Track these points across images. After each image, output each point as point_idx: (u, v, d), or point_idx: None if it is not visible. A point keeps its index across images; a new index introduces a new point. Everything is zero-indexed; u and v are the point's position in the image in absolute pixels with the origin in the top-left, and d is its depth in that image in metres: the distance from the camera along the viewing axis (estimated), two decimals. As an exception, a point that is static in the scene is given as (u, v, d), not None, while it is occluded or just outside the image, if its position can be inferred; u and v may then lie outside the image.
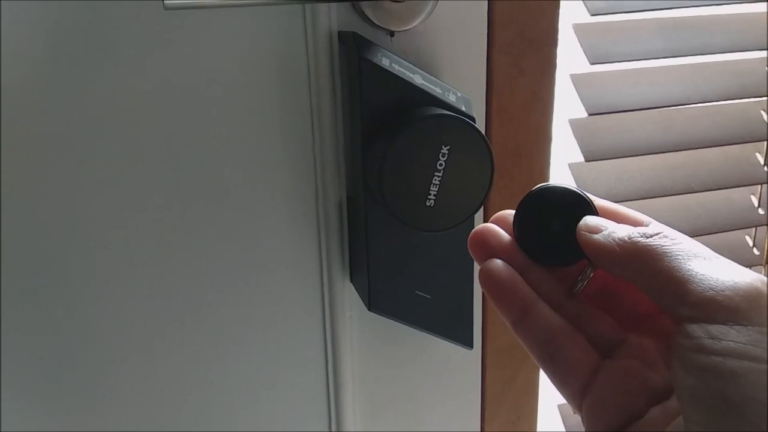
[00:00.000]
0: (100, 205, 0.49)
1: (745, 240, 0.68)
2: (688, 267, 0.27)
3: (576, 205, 0.33)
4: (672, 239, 0.29)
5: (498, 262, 0.33)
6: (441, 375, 0.60)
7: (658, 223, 0.32)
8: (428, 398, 0.61)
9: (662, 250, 0.28)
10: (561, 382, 0.31)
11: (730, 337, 0.25)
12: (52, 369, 0.52)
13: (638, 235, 0.30)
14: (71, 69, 0.46)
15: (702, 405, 0.25)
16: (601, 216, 0.33)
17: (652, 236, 0.29)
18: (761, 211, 0.66)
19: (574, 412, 0.32)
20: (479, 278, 0.33)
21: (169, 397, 0.54)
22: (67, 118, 0.47)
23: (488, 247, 0.33)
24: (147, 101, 0.47)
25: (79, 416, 0.53)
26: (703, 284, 0.26)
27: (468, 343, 0.53)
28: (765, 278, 0.26)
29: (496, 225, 0.34)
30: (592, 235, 0.31)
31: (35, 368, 0.51)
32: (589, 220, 0.32)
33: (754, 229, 0.67)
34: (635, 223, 0.33)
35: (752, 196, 0.67)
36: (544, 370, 0.32)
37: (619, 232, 0.30)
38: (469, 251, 0.34)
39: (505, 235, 0.34)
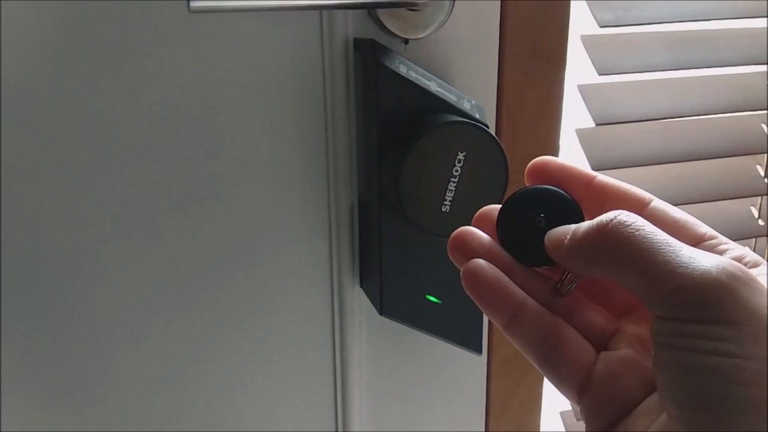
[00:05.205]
0: (108, 209, 0.49)
1: (745, 251, 0.69)
2: (655, 260, 0.27)
3: (560, 204, 0.33)
4: (626, 225, 0.28)
5: (481, 262, 0.31)
6: (447, 383, 0.60)
7: (652, 195, 0.32)
8: (434, 405, 0.61)
9: (625, 243, 0.27)
10: (559, 380, 0.31)
11: (700, 333, 0.25)
12: (52, 369, 0.51)
13: (595, 227, 0.29)
14: (83, 67, 0.46)
15: (677, 400, 0.26)
16: (602, 192, 0.33)
17: (609, 222, 0.28)
18: (761, 222, 0.67)
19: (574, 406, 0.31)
20: (462, 280, 0.31)
21: (174, 400, 0.54)
22: (83, 115, 0.47)
23: (470, 250, 0.32)
24: (162, 104, 0.48)
25: (79, 416, 0.53)
26: (673, 281, 0.26)
27: (477, 349, 0.54)
28: (730, 267, 0.26)
29: (478, 225, 0.33)
30: (558, 248, 0.31)
31: (35, 368, 0.51)
32: (550, 234, 0.31)
33: (754, 240, 0.68)
34: (636, 201, 0.32)
35: (752, 208, 0.68)
36: (540, 370, 0.31)
37: (581, 230, 0.30)
38: (450, 256, 0.33)
39: (485, 237, 0.33)
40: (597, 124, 0.58)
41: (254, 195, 0.51)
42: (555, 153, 0.58)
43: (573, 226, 0.30)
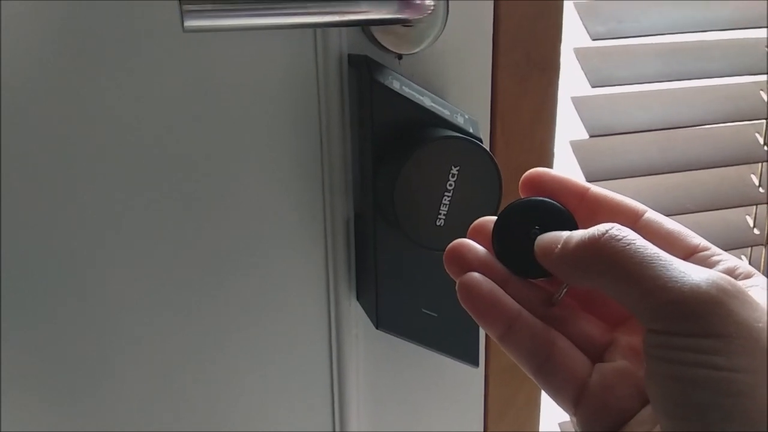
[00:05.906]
0: (108, 209, 0.49)
1: (742, 259, 0.69)
2: (646, 274, 0.27)
3: (555, 216, 0.33)
4: (618, 239, 0.28)
5: (476, 275, 0.32)
6: (445, 393, 0.61)
7: (642, 204, 0.32)
8: (432, 416, 0.61)
9: (617, 257, 0.28)
10: (555, 391, 0.31)
11: (690, 346, 0.25)
12: (52, 369, 0.51)
13: (587, 239, 0.29)
14: (83, 73, 0.46)
15: (668, 411, 0.26)
16: (596, 203, 0.33)
17: (602, 236, 0.28)
18: (756, 231, 0.68)
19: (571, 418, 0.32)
20: (458, 294, 0.32)
21: (173, 400, 0.54)
22: (83, 115, 0.47)
23: (465, 262, 0.33)
24: (158, 115, 0.48)
25: (80, 416, 0.53)
26: (663, 295, 0.26)
27: (474, 362, 0.54)
28: (720, 281, 0.26)
29: (473, 237, 0.34)
30: (548, 256, 0.31)
31: (35, 368, 0.51)
32: (540, 241, 0.31)
33: (749, 248, 0.68)
34: (630, 212, 0.33)
35: (747, 216, 0.68)
36: (536, 381, 0.32)
37: (572, 240, 0.30)
38: (446, 269, 0.33)
39: (480, 249, 0.33)
40: (591, 136, 0.58)
41: (249, 208, 0.52)
42: (550, 161, 0.58)
43: (564, 234, 0.30)
